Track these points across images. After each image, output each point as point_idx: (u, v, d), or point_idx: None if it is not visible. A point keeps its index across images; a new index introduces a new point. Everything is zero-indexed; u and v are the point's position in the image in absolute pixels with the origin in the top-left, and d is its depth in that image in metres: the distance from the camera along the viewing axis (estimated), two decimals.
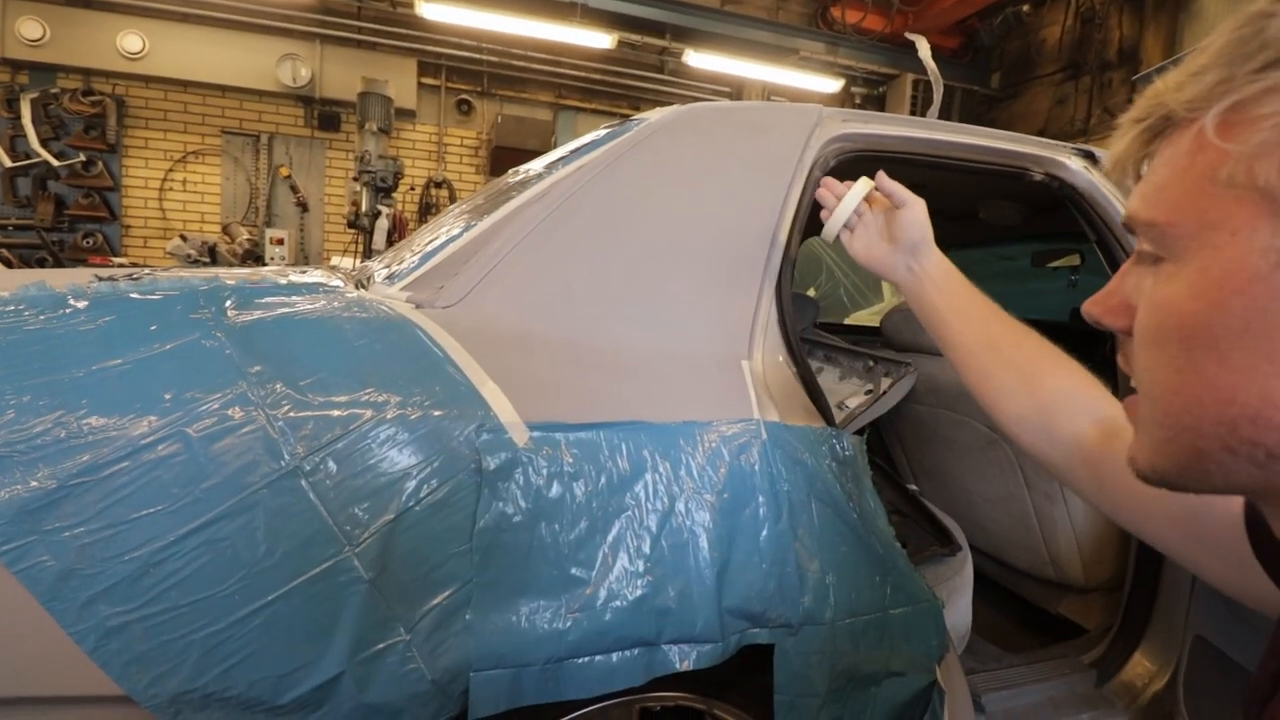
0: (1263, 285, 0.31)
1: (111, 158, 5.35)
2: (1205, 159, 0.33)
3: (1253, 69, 0.31)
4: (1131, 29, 5.50)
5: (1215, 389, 0.33)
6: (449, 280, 0.95)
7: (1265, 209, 0.31)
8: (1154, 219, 0.36)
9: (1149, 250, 0.38)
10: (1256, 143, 0.31)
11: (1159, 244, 0.36)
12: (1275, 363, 0.31)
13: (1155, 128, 0.37)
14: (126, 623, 0.65)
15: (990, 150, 1.35)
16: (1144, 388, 0.38)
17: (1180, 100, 0.34)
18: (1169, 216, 0.35)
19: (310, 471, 0.70)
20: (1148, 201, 0.37)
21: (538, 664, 0.74)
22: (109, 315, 0.78)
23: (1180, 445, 0.36)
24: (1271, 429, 0.32)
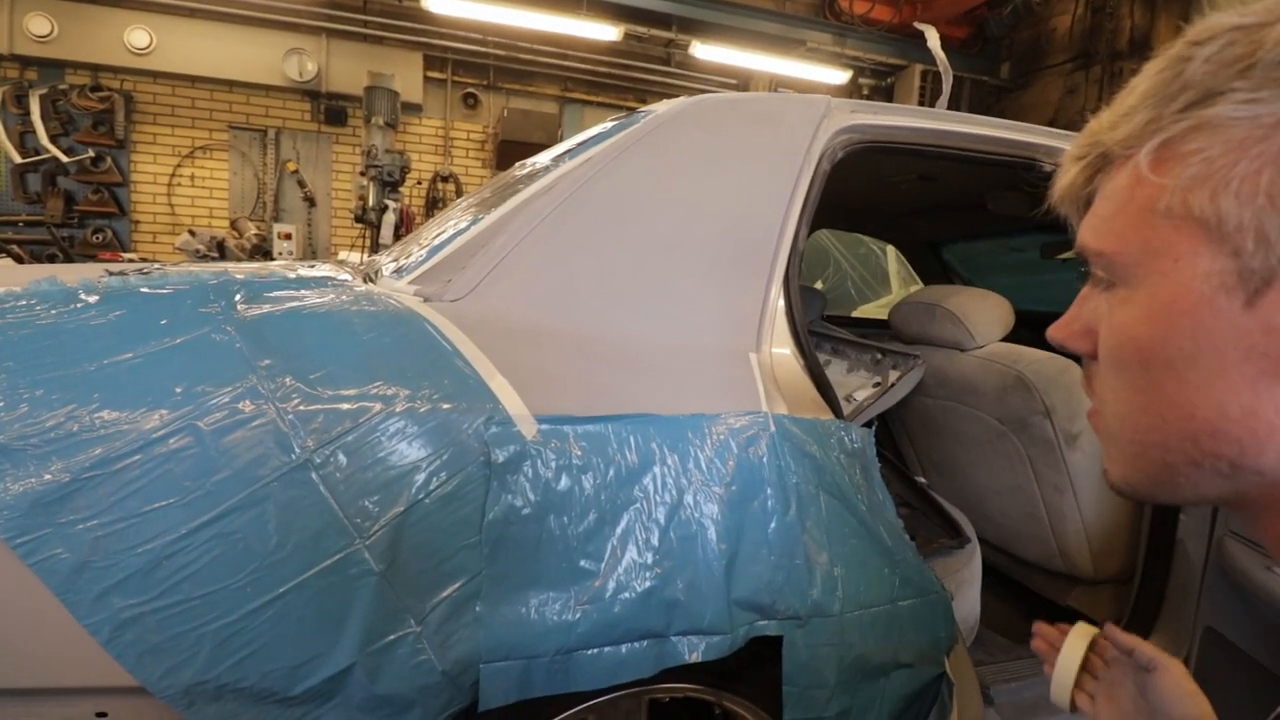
0: (1207, 307, 0.33)
1: (120, 153, 5.37)
2: (1144, 192, 0.35)
3: (1177, 109, 0.34)
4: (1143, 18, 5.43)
5: (1176, 406, 0.35)
6: (457, 274, 0.95)
7: (1202, 236, 0.33)
8: (1102, 249, 0.38)
9: (1103, 276, 0.39)
10: (1188, 176, 0.33)
11: (1110, 272, 0.38)
12: (1227, 379, 0.33)
13: (1095, 164, 0.39)
14: (140, 614, 0.66)
15: (1000, 141, 1.33)
16: (1111, 407, 0.40)
17: (1115, 139, 0.37)
18: (1116, 246, 0.37)
19: (321, 464, 0.70)
20: (1096, 233, 0.39)
21: (547, 656, 0.74)
22: (120, 309, 0.79)
23: (1149, 460, 0.38)
24: (1229, 441, 0.34)
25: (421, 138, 6.18)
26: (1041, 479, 1.53)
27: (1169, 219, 0.34)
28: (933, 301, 1.70)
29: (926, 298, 1.74)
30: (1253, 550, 1.14)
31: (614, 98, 6.51)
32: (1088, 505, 1.49)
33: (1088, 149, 0.39)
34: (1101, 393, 0.40)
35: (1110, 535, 1.50)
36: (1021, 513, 1.61)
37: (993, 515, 1.70)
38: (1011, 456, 1.57)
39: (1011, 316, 1.67)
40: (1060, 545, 1.55)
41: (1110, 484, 0.41)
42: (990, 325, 1.63)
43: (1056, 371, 1.48)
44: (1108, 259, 0.38)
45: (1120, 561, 1.52)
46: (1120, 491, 0.41)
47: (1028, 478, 1.55)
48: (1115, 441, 0.40)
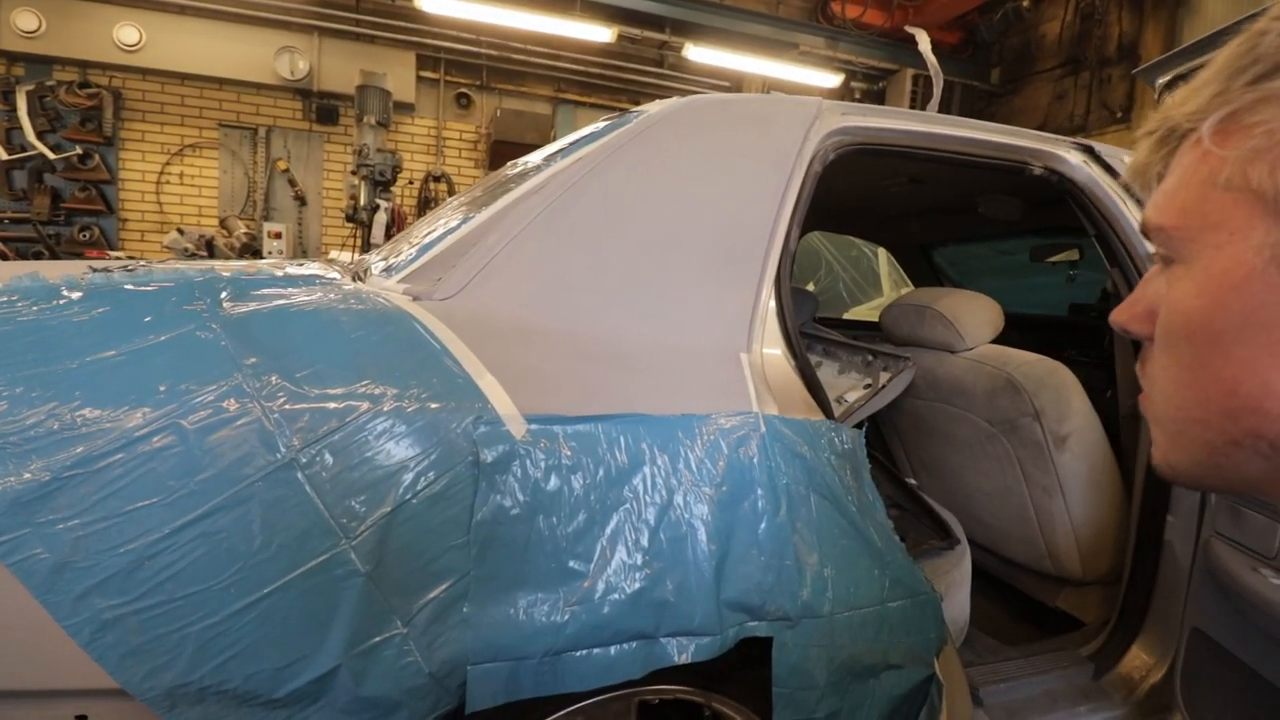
0: (1259, 280, 0.33)
1: (108, 151, 5.33)
2: (1207, 166, 0.36)
3: (1246, 81, 0.34)
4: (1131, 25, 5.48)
5: (1220, 382, 0.35)
6: (447, 272, 0.94)
7: (1259, 209, 0.33)
8: (1163, 223, 0.38)
9: (1162, 253, 0.40)
10: (1249, 148, 0.33)
11: (1169, 247, 0.39)
12: (1274, 355, 0.33)
13: (1164, 140, 0.39)
14: (122, 615, 0.65)
15: (989, 144, 1.34)
16: (1159, 386, 0.40)
17: (1184, 113, 0.37)
18: (1176, 220, 0.38)
19: (306, 464, 0.69)
20: (1158, 208, 0.39)
21: (535, 657, 0.74)
22: (103, 306, 0.78)
23: (1190, 439, 0.38)
24: (1272, 419, 0.33)
25: (414, 137, 6.16)
26: (1031, 481, 1.54)
27: (1228, 191, 0.34)
28: (923, 304, 1.71)
29: (917, 300, 1.75)
30: (1239, 552, 1.15)
31: (607, 99, 6.52)
32: (1076, 507, 1.50)
33: (1159, 124, 0.39)
34: (1153, 374, 0.40)
35: (1098, 537, 1.51)
36: (1011, 514, 1.61)
37: (982, 517, 1.71)
38: (1001, 458, 1.58)
39: (1001, 319, 1.68)
40: (1049, 547, 1.56)
41: (1155, 468, 0.41)
42: (980, 327, 1.64)
43: (1045, 373, 1.49)
44: (1167, 233, 0.38)
45: (1108, 563, 1.53)
46: (1164, 475, 0.41)
47: (1017, 479, 1.56)
48: (1160, 422, 0.40)
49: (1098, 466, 1.49)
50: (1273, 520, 1.09)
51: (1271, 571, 1.08)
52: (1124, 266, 1.38)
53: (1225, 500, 1.19)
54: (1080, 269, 2.38)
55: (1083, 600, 1.60)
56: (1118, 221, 1.38)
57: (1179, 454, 0.39)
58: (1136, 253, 1.36)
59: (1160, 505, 1.34)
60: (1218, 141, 0.35)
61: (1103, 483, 1.50)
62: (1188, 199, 0.37)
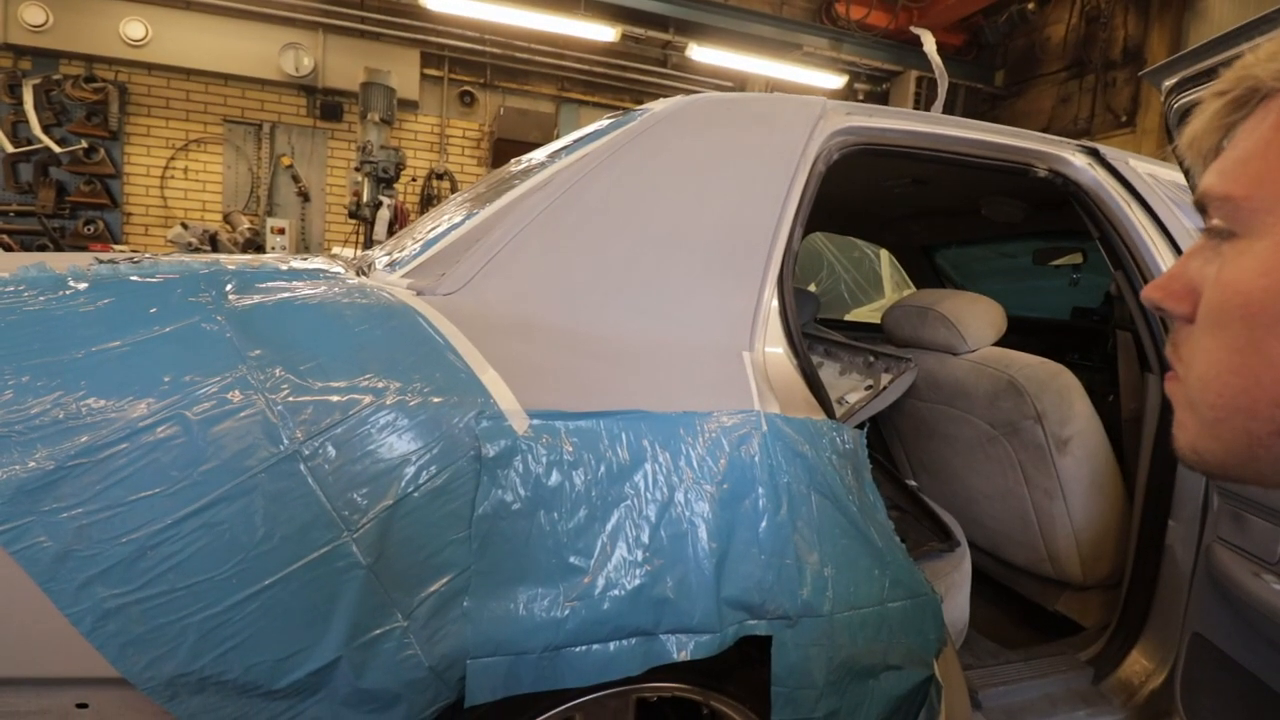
0: None
1: (113, 145, 5.34)
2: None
3: None
4: (1136, 28, 5.47)
5: (1275, 368, 0.32)
6: (450, 267, 0.95)
7: None
8: (1230, 193, 0.35)
9: (1221, 226, 0.36)
10: None
11: (1233, 219, 0.35)
12: None
13: (1241, 99, 0.36)
14: (123, 605, 0.65)
15: (994, 145, 1.34)
16: (1197, 370, 0.37)
17: (1271, 70, 0.33)
18: (1248, 189, 0.34)
19: (309, 456, 0.69)
20: (1225, 176, 0.36)
21: (535, 652, 0.74)
22: (108, 297, 0.78)
23: (1231, 428, 0.35)
24: None
25: (417, 135, 6.17)
26: (1032, 484, 1.54)
27: None
28: (925, 305, 1.70)
29: (919, 301, 1.75)
30: (1241, 557, 1.15)
31: (610, 98, 6.52)
32: (1077, 511, 1.49)
33: (1235, 82, 0.36)
34: (1189, 356, 0.37)
35: (1099, 541, 1.51)
36: (1011, 517, 1.61)
37: (982, 519, 1.71)
38: (1002, 461, 1.58)
39: (1004, 321, 1.68)
40: (1049, 550, 1.56)
41: (1178, 452, 0.39)
42: (982, 329, 1.63)
43: (1048, 376, 1.49)
44: (1235, 204, 0.35)
45: (1109, 567, 1.53)
46: (1188, 462, 0.38)
47: (1018, 482, 1.56)
48: (1194, 408, 0.37)
49: (1099, 470, 1.49)
50: (1276, 525, 1.09)
51: (1274, 577, 1.08)
52: (1128, 270, 1.38)
53: (1228, 505, 1.19)
54: (1083, 272, 2.38)
55: (1083, 604, 1.60)
56: (1122, 225, 1.38)
57: (1213, 442, 0.36)
58: (1141, 256, 1.36)
59: (1162, 510, 1.33)
60: None
61: (1104, 486, 1.49)
62: (1265, 167, 0.33)
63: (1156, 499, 1.35)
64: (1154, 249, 1.35)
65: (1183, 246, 1.35)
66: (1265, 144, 0.34)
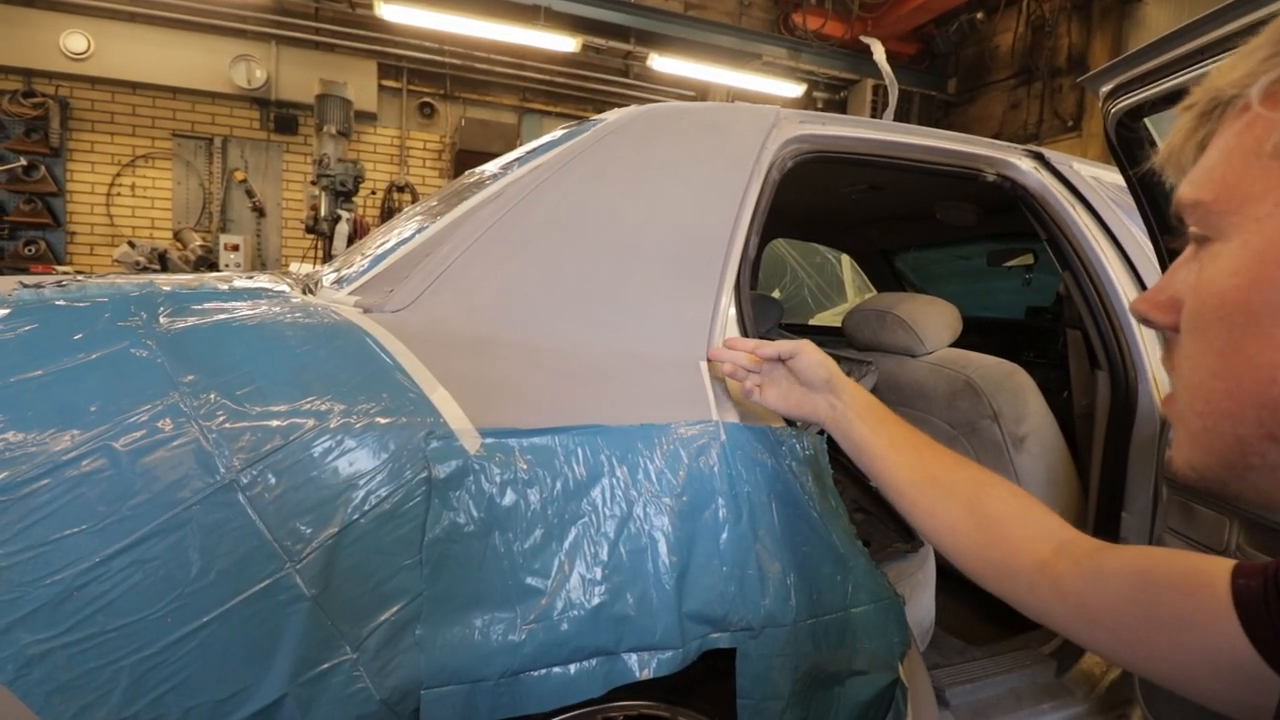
0: None
1: (55, 162, 5.15)
2: (1252, 134, 0.33)
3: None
4: (1080, 36, 5.68)
5: (1255, 369, 0.32)
6: (399, 284, 0.92)
7: None
8: (1200, 198, 0.36)
9: (1198, 233, 0.37)
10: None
11: (1204, 224, 0.36)
12: None
13: (1206, 111, 0.37)
14: (49, 650, 0.61)
15: (943, 151, 1.36)
16: (1184, 378, 0.37)
17: (1230, 80, 0.35)
18: (1214, 194, 0.35)
19: (247, 485, 0.66)
20: (1195, 184, 0.37)
21: (492, 679, 0.71)
22: (30, 324, 0.74)
23: (1219, 435, 0.34)
24: None
25: (376, 147, 6.08)
26: None
27: (1275, 159, 0.32)
28: (883, 309, 1.73)
29: (877, 305, 1.77)
30: (1190, 546, 1.18)
31: (572, 108, 6.52)
32: None
33: (1200, 95, 0.37)
34: (1179, 366, 0.37)
35: None
36: None
37: None
38: None
39: (959, 322, 1.71)
40: None
41: (1176, 474, 0.38)
42: (939, 331, 1.66)
43: (1003, 376, 1.52)
44: (1204, 209, 0.36)
45: None
46: (1187, 480, 0.38)
47: None
48: (1184, 420, 0.37)
49: (1055, 466, 1.52)
50: (1221, 515, 1.12)
51: None
52: (1074, 269, 1.41)
53: (1177, 497, 1.23)
54: (1035, 273, 2.45)
55: None
56: (1068, 226, 1.41)
57: (1204, 454, 0.36)
58: (1086, 256, 1.39)
59: (1115, 503, 1.37)
60: (1268, 105, 0.32)
61: (1060, 482, 1.53)
62: (1229, 171, 0.34)
63: (1110, 492, 1.38)
64: (1098, 249, 1.39)
65: (1125, 246, 1.40)
66: (1228, 149, 0.35)
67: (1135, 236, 1.41)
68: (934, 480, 0.74)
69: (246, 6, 5.28)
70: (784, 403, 0.88)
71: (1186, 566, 0.51)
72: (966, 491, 0.71)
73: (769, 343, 0.90)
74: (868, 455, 0.80)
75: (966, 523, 0.69)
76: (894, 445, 0.78)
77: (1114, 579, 0.54)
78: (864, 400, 0.84)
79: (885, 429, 0.80)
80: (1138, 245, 1.40)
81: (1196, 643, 0.47)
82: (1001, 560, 0.65)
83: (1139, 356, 1.32)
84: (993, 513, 0.68)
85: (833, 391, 0.85)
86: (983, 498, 0.70)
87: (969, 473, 0.73)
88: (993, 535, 0.66)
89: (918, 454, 0.77)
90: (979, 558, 0.67)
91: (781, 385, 0.89)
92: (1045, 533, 0.64)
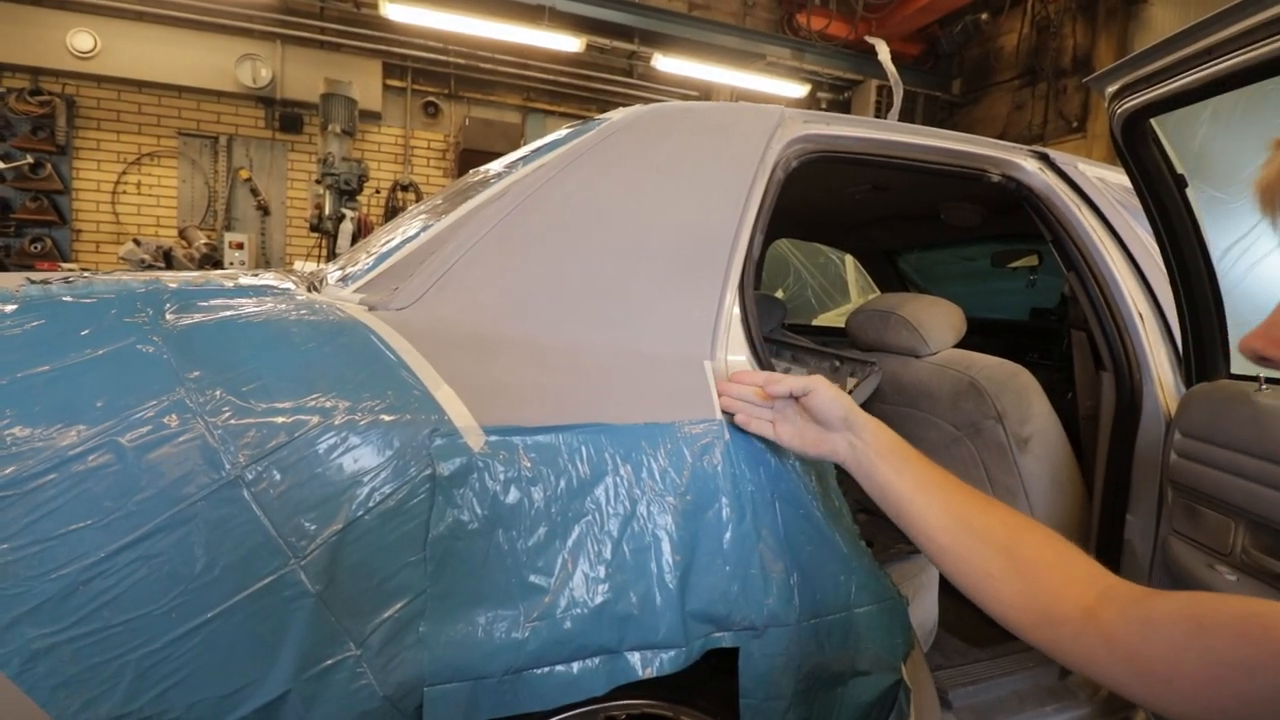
0: None
1: (61, 160, 5.17)
2: None
3: None
4: (1085, 37, 5.67)
5: None
6: (404, 282, 0.92)
7: None
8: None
9: None
10: None
11: None
12: None
13: None
14: (54, 644, 0.61)
15: (948, 152, 1.36)
16: None
17: None
18: None
19: (252, 481, 0.67)
20: None
21: (495, 676, 0.72)
22: (37, 320, 0.74)
23: None
24: None
25: (381, 146, 6.10)
26: (995, 482, 1.56)
27: None
28: (888, 309, 1.72)
29: (881, 305, 1.77)
30: (1196, 549, 1.18)
31: (576, 108, 6.53)
32: (1039, 508, 1.52)
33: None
34: None
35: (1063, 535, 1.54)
36: None
37: None
38: (966, 460, 1.60)
39: (964, 323, 1.70)
40: None
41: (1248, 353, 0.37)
42: (943, 332, 1.66)
43: (1007, 376, 1.52)
44: None
45: None
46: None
47: (982, 481, 1.58)
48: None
49: (1059, 467, 1.52)
50: (1226, 517, 1.11)
51: (1227, 568, 1.11)
52: (1079, 271, 1.41)
53: (1182, 499, 1.22)
54: (1040, 274, 2.44)
55: None
56: (1073, 227, 1.41)
57: None
58: (1091, 257, 1.39)
59: (1120, 505, 1.36)
60: None
61: (1064, 483, 1.52)
62: None
63: (1114, 494, 1.37)
64: (1104, 250, 1.38)
65: (1131, 248, 1.39)
66: None
67: (1141, 238, 1.41)
68: (966, 525, 0.70)
69: (252, 6, 5.29)
70: (799, 441, 0.85)
71: (1243, 610, 0.49)
72: (1001, 537, 0.67)
73: (780, 377, 0.86)
74: (893, 499, 0.76)
75: (1003, 570, 0.65)
76: (920, 487, 0.74)
77: (1165, 626, 0.52)
78: (885, 438, 0.79)
79: (909, 469, 0.76)
80: (1143, 246, 1.40)
81: (1263, 689, 0.45)
82: (1043, 609, 0.61)
83: (1144, 358, 1.32)
84: (1030, 559, 0.65)
85: (851, 430, 0.81)
86: (1019, 543, 0.66)
87: (1002, 517, 0.70)
88: (1032, 583, 0.63)
89: (946, 497, 0.73)
90: (1018, 607, 0.63)
91: (796, 422, 0.85)
92: (1086, 579, 0.61)
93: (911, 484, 0.75)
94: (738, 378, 0.89)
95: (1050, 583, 0.62)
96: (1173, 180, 1.11)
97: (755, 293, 1.09)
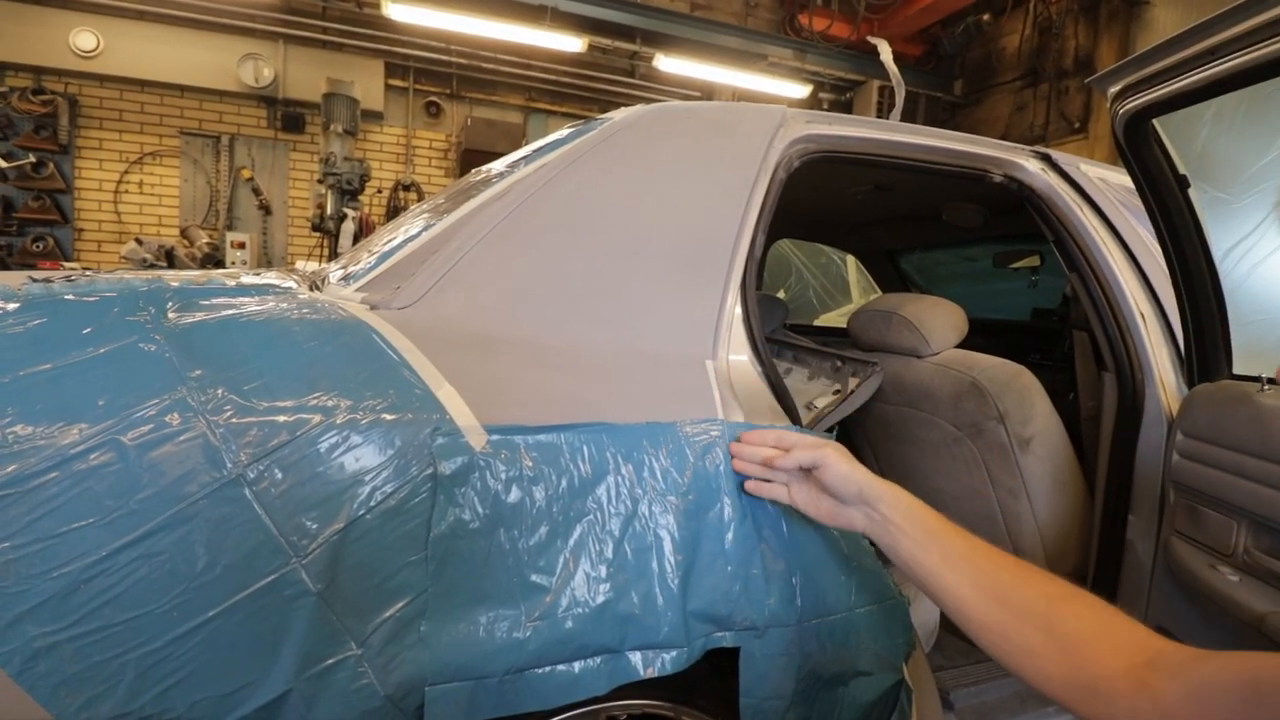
0: None
1: (64, 159, 5.18)
2: None
3: None
4: (1087, 38, 5.66)
5: None
6: (406, 281, 0.92)
7: None
8: None
9: None
10: None
11: None
12: None
13: None
14: (55, 643, 0.61)
15: (949, 152, 1.36)
16: None
17: None
18: None
19: (254, 480, 0.67)
20: None
21: (496, 676, 0.72)
22: (40, 318, 0.74)
23: None
24: None
25: (382, 146, 6.10)
26: (997, 483, 1.55)
27: None
28: (889, 309, 1.72)
29: (883, 305, 1.77)
30: (1198, 550, 1.17)
31: (578, 108, 6.53)
32: (1041, 508, 1.52)
33: None
34: None
35: (1063, 537, 1.53)
36: (978, 516, 1.63)
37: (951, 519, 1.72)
38: (968, 461, 1.59)
39: (965, 323, 1.70)
40: (1016, 547, 1.58)
41: None
42: (945, 332, 1.65)
43: (1009, 377, 1.51)
44: None
45: (1073, 562, 1.55)
46: None
47: (984, 481, 1.58)
48: None
49: (1061, 468, 1.51)
50: (1228, 518, 1.11)
51: (1229, 569, 1.10)
52: (1081, 271, 1.41)
53: (1184, 500, 1.22)
54: (1041, 274, 2.44)
55: None
56: (1075, 227, 1.41)
57: None
58: (1093, 257, 1.39)
59: (1122, 505, 1.36)
60: None
61: (1066, 484, 1.52)
62: None
63: (1116, 495, 1.37)
64: (1106, 250, 1.38)
65: (1133, 248, 1.39)
66: None
67: (1143, 238, 1.40)
68: (1002, 601, 0.67)
69: (255, 5, 5.30)
70: (815, 510, 0.81)
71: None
72: (1040, 610, 0.64)
73: (789, 444, 0.82)
74: (919, 574, 0.73)
75: (1046, 646, 0.62)
76: (947, 560, 0.71)
77: (1222, 694, 0.51)
78: (903, 508, 0.76)
79: (935, 543, 0.73)
80: (1145, 247, 1.39)
81: None
82: (1092, 684, 0.59)
83: (1146, 358, 1.32)
84: (1073, 632, 0.62)
85: (867, 503, 0.77)
86: (1058, 615, 0.63)
87: (1038, 588, 0.67)
88: (1076, 657, 0.61)
89: (975, 569, 0.70)
90: (1066, 683, 0.61)
91: (811, 490, 0.82)
92: (1134, 646, 0.59)
93: (939, 557, 0.72)
94: (748, 438, 0.85)
95: (1097, 654, 0.60)
96: (1175, 181, 1.11)
97: (757, 293, 1.09)
